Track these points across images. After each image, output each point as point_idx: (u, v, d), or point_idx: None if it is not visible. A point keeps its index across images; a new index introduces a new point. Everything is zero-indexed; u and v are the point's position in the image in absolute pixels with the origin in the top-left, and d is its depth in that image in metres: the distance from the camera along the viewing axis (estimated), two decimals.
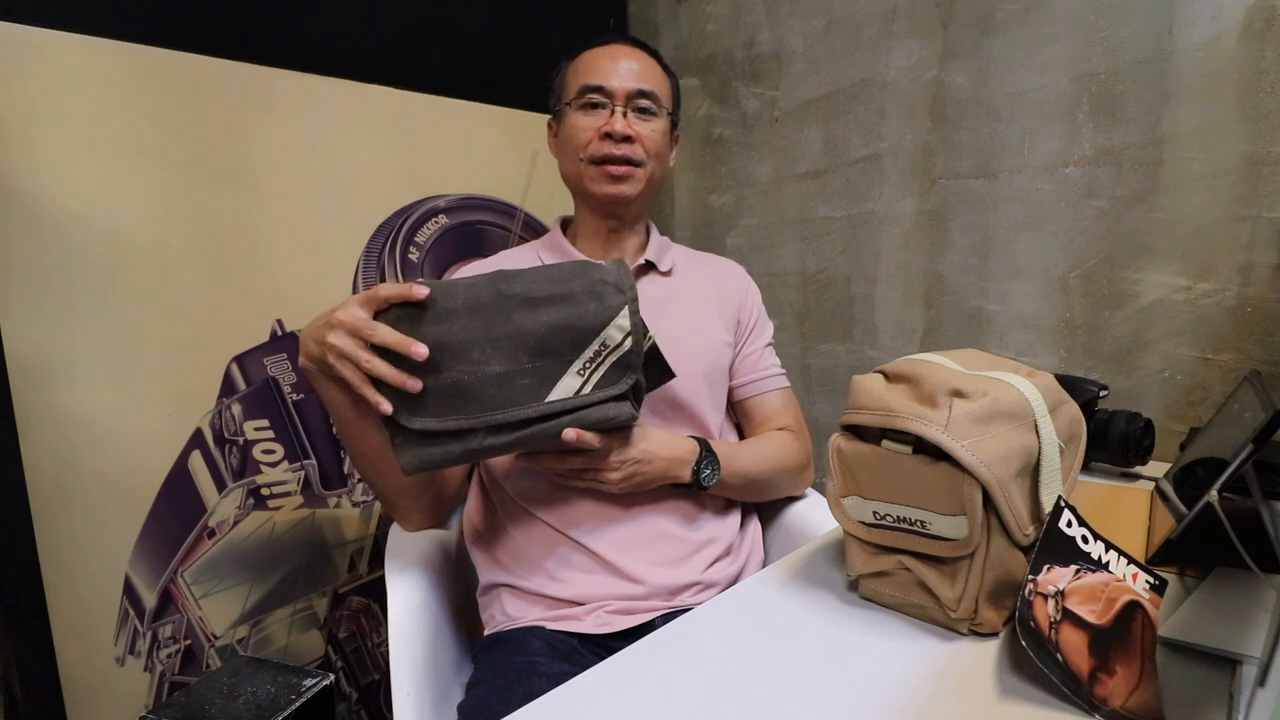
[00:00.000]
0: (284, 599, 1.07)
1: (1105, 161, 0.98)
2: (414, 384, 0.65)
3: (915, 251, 1.18)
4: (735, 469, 0.85)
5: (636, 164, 0.88)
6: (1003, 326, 1.10)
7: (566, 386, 0.69)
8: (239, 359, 1.00)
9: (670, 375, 0.77)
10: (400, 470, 0.69)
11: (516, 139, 1.28)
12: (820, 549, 0.69)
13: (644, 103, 0.88)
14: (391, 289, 0.66)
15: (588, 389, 0.69)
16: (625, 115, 0.87)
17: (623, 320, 0.69)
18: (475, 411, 0.66)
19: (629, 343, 0.70)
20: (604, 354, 0.69)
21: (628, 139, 0.87)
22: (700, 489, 0.82)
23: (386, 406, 0.65)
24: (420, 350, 0.64)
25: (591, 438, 0.71)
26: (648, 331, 0.73)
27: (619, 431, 0.74)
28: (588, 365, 0.69)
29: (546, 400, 0.68)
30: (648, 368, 0.76)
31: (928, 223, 1.16)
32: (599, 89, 0.87)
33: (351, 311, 0.66)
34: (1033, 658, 0.43)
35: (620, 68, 0.88)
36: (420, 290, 0.65)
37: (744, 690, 0.47)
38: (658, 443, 0.79)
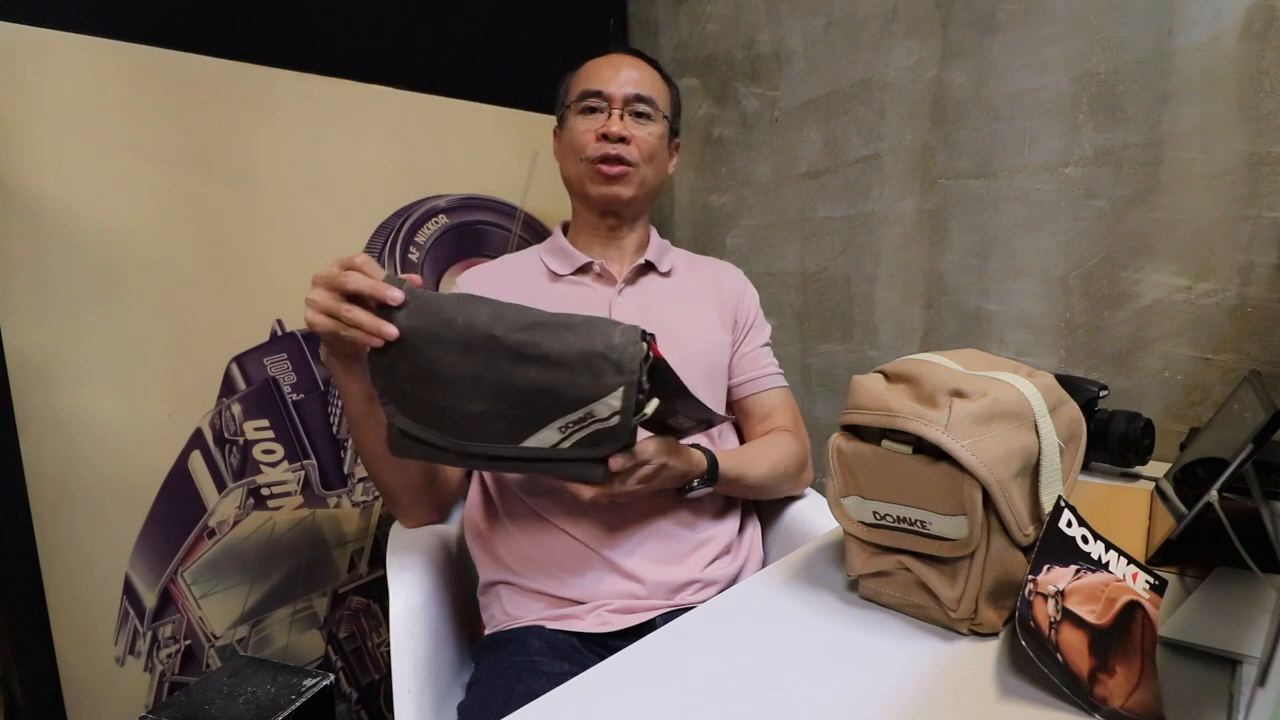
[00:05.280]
0: (284, 599, 1.07)
1: (1105, 161, 0.98)
2: (390, 330, 0.65)
3: (915, 251, 1.18)
4: (744, 482, 0.86)
5: (631, 164, 0.90)
6: (1003, 326, 1.10)
7: (544, 438, 0.67)
8: (239, 359, 1.00)
9: (715, 418, 0.77)
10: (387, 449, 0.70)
11: (516, 139, 1.28)
12: (820, 549, 0.69)
13: (640, 107, 0.90)
14: (364, 284, 0.65)
15: (566, 444, 0.67)
16: (622, 118, 0.89)
17: (613, 400, 0.65)
18: (450, 435, 0.68)
19: (615, 420, 0.66)
20: (590, 421, 0.66)
21: (623, 140, 0.89)
22: (680, 494, 0.83)
23: (378, 341, 0.65)
24: (395, 294, 0.65)
25: (582, 489, 0.72)
26: (647, 403, 0.67)
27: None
28: (570, 425, 0.67)
29: (521, 445, 0.67)
30: (686, 412, 0.74)
31: (928, 223, 1.16)
32: (598, 93, 0.90)
33: (326, 269, 0.68)
34: (1033, 658, 0.43)
35: (620, 75, 0.91)
36: (395, 294, 0.65)
37: (744, 690, 0.47)
38: (676, 458, 0.78)
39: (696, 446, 0.83)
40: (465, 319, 0.66)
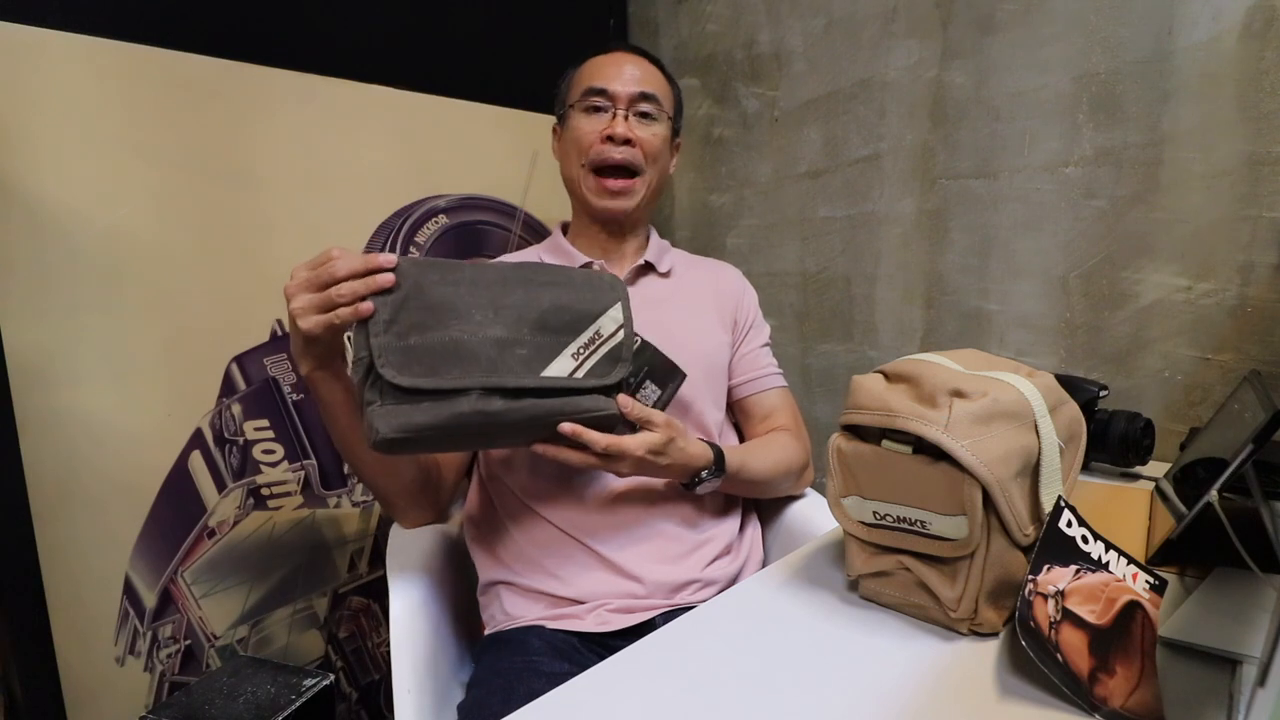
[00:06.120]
0: (284, 599, 1.07)
1: (1105, 161, 0.98)
2: (385, 279, 0.63)
3: (915, 251, 1.18)
4: (747, 476, 0.85)
5: (635, 172, 0.89)
6: (1003, 326, 1.10)
7: (561, 367, 0.70)
8: (239, 359, 1.00)
9: (681, 374, 0.79)
10: (372, 443, 0.64)
11: (516, 139, 1.28)
12: (820, 549, 0.69)
13: (645, 106, 0.89)
14: (354, 263, 0.63)
15: (580, 373, 0.71)
16: (627, 118, 0.88)
17: (616, 313, 0.74)
18: (472, 372, 0.65)
19: (621, 334, 0.73)
20: (598, 343, 0.72)
21: (628, 142, 0.88)
22: (688, 489, 0.82)
23: (368, 306, 0.62)
24: (388, 258, 0.64)
25: (596, 435, 0.70)
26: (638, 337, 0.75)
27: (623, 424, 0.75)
28: (582, 350, 0.71)
29: (542, 375, 0.69)
30: (657, 376, 0.78)
31: (928, 223, 1.16)
32: (602, 91, 0.89)
33: (297, 274, 0.65)
34: (1033, 658, 0.43)
35: (624, 72, 0.89)
36: (387, 257, 0.64)
37: (744, 690, 0.47)
38: (684, 439, 0.78)
39: (700, 439, 0.83)
40: (470, 266, 0.70)
